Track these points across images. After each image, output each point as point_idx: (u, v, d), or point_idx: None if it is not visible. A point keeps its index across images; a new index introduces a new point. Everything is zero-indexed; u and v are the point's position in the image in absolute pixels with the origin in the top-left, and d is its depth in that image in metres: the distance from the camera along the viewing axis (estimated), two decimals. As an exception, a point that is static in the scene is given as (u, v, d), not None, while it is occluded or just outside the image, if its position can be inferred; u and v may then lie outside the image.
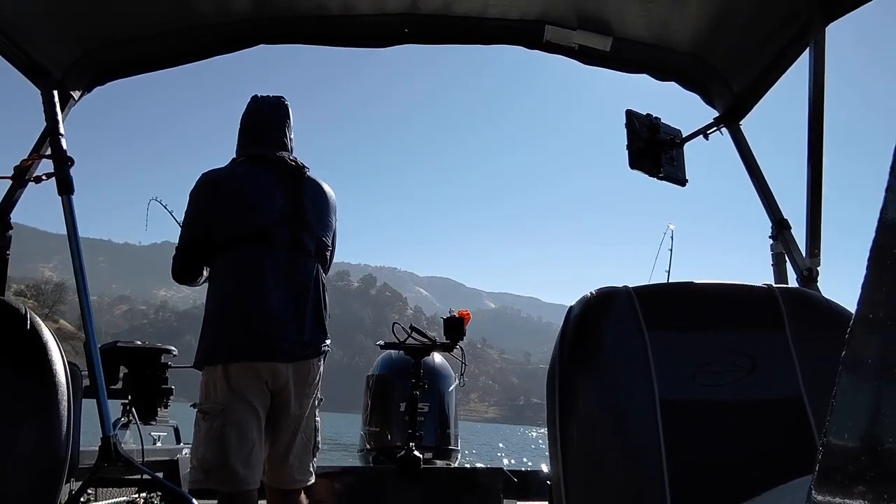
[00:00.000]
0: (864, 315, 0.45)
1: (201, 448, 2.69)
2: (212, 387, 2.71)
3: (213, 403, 2.69)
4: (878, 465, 0.43)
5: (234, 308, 2.75)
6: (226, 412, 2.66)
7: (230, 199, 2.83)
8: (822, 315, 1.68)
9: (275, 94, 3.07)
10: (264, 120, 2.98)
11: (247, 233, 2.78)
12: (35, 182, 2.68)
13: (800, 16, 2.49)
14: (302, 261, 2.85)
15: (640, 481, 1.49)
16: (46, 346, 1.78)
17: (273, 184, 2.85)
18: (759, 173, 2.88)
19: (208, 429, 2.67)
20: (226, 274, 2.81)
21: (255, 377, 2.70)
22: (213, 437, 2.65)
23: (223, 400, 2.67)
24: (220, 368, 2.69)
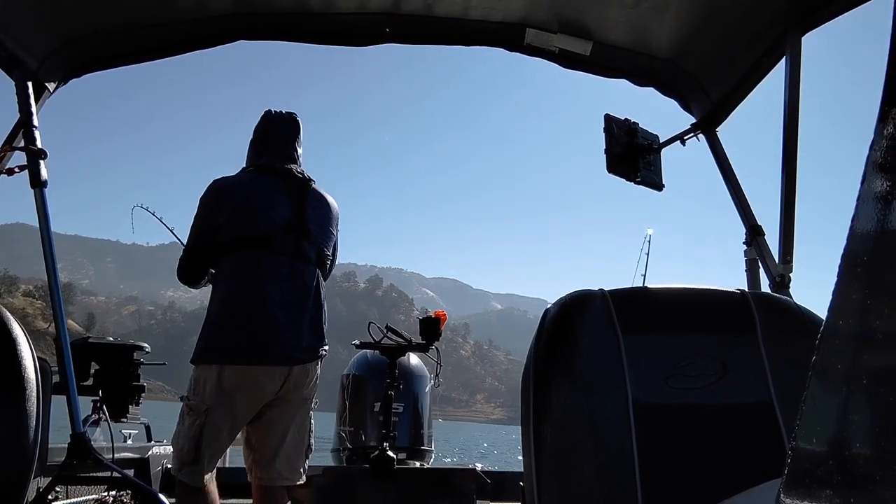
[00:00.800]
0: (835, 322, 0.46)
1: (181, 441, 2.76)
2: (202, 384, 2.77)
3: (199, 401, 2.75)
4: (845, 470, 0.44)
5: (234, 311, 2.82)
6: (209, 412, 2.72)
7: (236, 206, 2.92)
8: (793, 321, 1.70)
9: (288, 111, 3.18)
10: (275, 133, 3.10)
11: (250, 238, 2.88)
12: (7, 174, 2.63)
13: (777, 25, 2.53)
14: (303, 268, 2.93)
15: (613, 483, 1.50)
16: (15, 341, 1.75)
17: (279, 193, 2.96)
18: (735, 180, 2.91)
19: (190, 424, 2.74)
20: (228, 277, 2.88)
21: (248, 380, 2.76)
22: (192, 434, 2.72)
23: (210, 400, 2.73)
24: (215, 368, 2.75)
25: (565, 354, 1.61)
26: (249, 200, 2.92)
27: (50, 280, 2.62)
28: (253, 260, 2.85)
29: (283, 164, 3.02)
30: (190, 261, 3.02)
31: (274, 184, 2.97)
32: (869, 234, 0.43)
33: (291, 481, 2.95)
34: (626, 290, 1.77)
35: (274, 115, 3.14)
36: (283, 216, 2.92)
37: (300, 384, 2.88)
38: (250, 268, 2.84)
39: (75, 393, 2.56)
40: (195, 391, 2.78)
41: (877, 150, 0.43)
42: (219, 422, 2.74)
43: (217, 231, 2.90)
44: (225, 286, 2.88)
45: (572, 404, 1.56)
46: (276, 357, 2.78)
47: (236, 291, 2.84)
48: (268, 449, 2.89)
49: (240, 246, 2.87)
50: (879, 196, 0.43)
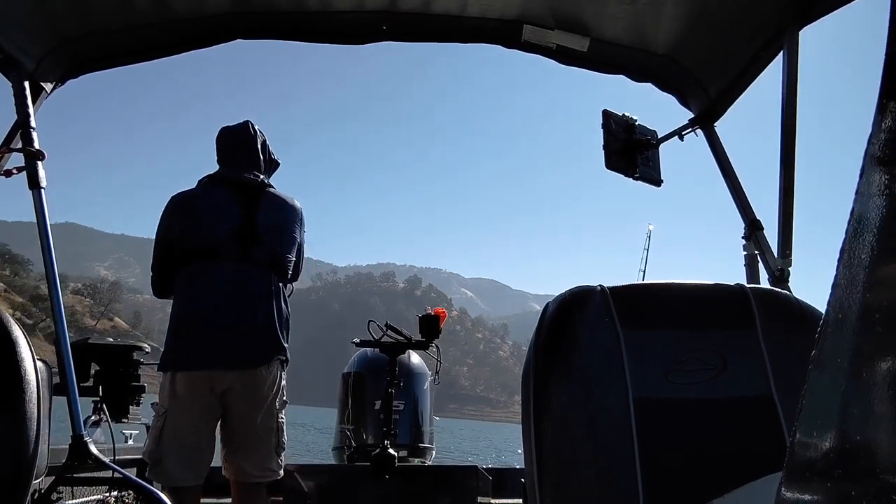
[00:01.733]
0: (834, 316, 0.46)
1: (148, 442, 3.03)
2: (162, 391, 3.00)
3: (160, 406, 3.00)
4: (845, 463, 0.44)
5: (182, 321, 3.01)
6: (167, 415, 2.95)
7: (187, 218, 3.09)
8: (792, 315, 1.70)
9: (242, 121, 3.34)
10: (225, 145, 3.27)
11: (199, 250, 3.03)
12: (6, 176, 2.63)
13: (774, 20, 2.53)
14: (254, 273, 3.05)
15: (613, 479, 1.50)
16: (15, 342, 1.75)
17: (229, 202, 3.09)
18: (733, 174, 2.91)
19: (153, 427, 3.01)
20: (181, 288, 3.06)
21: (196, 385, 2.95)
22: (154, 436, 2.97)
23: (166, 404, 2.96)
24: (169, 375, 2.97)
25: (565, 350, 1.61)
26: (198, 212, 3.09)
27: (49, 280, 2.62)
28: (201, 271, 3.01)
29: (234, 173, 3.17)
30: (156, 274, 3.22)
31: (224, 193, 3.11)
32: (868, 228, 0.44)
33: (262, 478, 3.10)
34: (626, 285, 1.77)
35: (225, 130, 3.31)
36: (231, 224, 3.05)
37: (253, 386, 3.01)
38: (198, 278, 3.01)
39: (76, 394, 2.56)
40: (159, 397, 3.02)
41: (875, 144, 0.43)
42: (177, 424, 2.94)
43: (171, 244, 3.09)
44: (178, 298, 3.06)
45: (572, 400, 1.57)
46: (219, 362, 2.94)
47: (185, 302, 3.03)
48: (233, 447, 3.07)
49: (190, 258, 3.03)
50: (878, 189, 0.43)
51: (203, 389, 2.94)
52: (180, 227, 3.07)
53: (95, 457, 2.52)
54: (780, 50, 2.54)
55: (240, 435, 3.05)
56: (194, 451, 2.96)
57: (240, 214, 3.06)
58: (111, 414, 3.51)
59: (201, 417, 2.97)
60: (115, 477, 2.62)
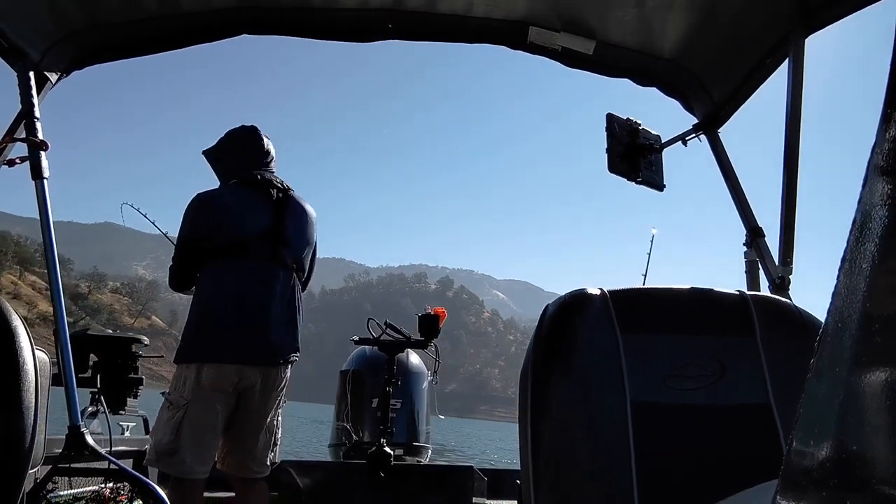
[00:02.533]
0: (834, 324, 0.46)
1: (159, 433, 2.99)
2: (182, 381, 2.98)
3: (179, 396, 2.98)
4: (841, 473, 0.44)
5: (212, 314, 3.04)
6: (188, 407, 2.94)
7: (216, 216, 3.12)
8: (792, 323, 1.70)
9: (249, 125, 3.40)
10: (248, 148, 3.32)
11: (229, 245, 3.08)
12: (8, 165, 2.64)
13: (780, 27, 2.52)
14: (279, 273, 3.13)
15: (609, 482, 1.50)
16: (14, 332, 1.75)
17: (258, 203, 3.16)
18: (736, 181, 2.91)
19: (169, 418, 2.96)
20: (208, 282, 3.10)
21: (223, 378, 2.97)
22: (171, 427, 2.94)
23: (189, 395, 2.95)
24: (195, 367, 2.96)
25: (564, 352, 1.61)
26: (229, 211, 3.13)
27: (49, 271, 2.63)
28: (231, 266, 3.07)
29: (262, 175, 3.24)
30: (178, 268, 3.21)
31: (254, 194, 3.18)
32: (869, 238, 0.43)
33: (262, 473, 3.17)
34: (626, 289, 1.77)
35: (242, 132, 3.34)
36: (261, 224, 3.13)
37: (271, 384, 3.08)
38: (228, 273, 3.07)
39: (74, 385, 2.56)
40: (175, 388, 3.00)
41: (879, 153, 0.43)
42: (198, 415, 2.95)
43: (199, 241, 3.11)
44: (204, 291, 3.10)
45: (570, 403, 1.56)
46: (248, 358, 2.99)
47: (214, 296, 3.06)
48: (241, 446, 3.10)
49: (219, 253, 3.07)
50: (881, 199, 0.43)
51: (227, 383, 2.98)
52: (209, 224, 3.11)
53: (92, 448, 2.52)
54: (785, 57, 2.54)
55: (250, 430, 3.10)
56: (208, 444, 3.00)
57: (269, 216, 3.15)
58: (109, 405, 3.51)
59: (219, 411, 2.99)
60: (111, 468, 2.63)
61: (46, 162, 2.66)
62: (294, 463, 3.85)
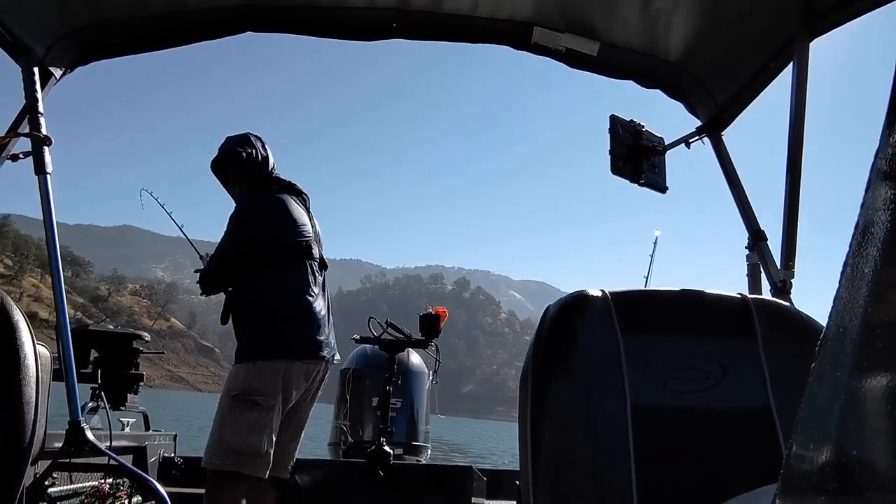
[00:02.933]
0: (835, 329, 0.46)
1: (243, 433, 2.90)
2: (267, 379, 2.96)
3: (265, 396, 2.94)
4: (841, 477, 0.44)
5: (294, 313, 3.09)
6: (275, 406, 2.95)
7: (285, 216, 3.20)
8: (793, 327, 1.70)
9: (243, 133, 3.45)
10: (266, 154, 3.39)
11: (299, 249, 3.18)
12: (12, 160, 2.64)
13: (784, 31, 2.52)
14: (324, 274, 3.32)
15: (608, 484, 1.50)
16: (16, 327, 1.75)
17: (300, 208, 3.31)
18: (739, 184, 2.91)
19: (257, 418, 2.92)
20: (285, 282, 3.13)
21: (302, 376, 3.05)
22: (261, 427, 2.91)
23: (276, 393, 2.96)
24: (283, 364, 2.99)
25: (565, 354, 1.61)
26: (291, 214, 3.21)
27: (51, 267, 2.63)
28: (300, 268, 3.15)
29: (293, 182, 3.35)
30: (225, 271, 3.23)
31: (296, 200, 3.30)
32: (872, 242, 0.43)
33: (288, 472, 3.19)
34: (627, 290, 1.77)
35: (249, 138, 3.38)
36: (309, 229, 3.27)
37: (321, 379, 3.18)
38: (300, 275, 3.14)
39: (74, 380, 2.57)
40: (256, 387, 2.95)
41: (882, 158, 0.43)
42: (277, 415, 2.97)
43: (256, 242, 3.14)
44: (282, 291, 3.12)
45: (570, 404, 1.56)
46: (320, 355, 3.10)
47: (295, 296, 3.10)
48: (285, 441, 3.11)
49: (292, 255, 3.16)
50: (883, 204, 0.43)
51: (306, 380, 3.06)
52: (278, 225, 3.18)
53: (92, 443, 2.53)
54: (789, 61, 2.53)
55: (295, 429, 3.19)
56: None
57: (309, 220, 3.31)
58: (109, 401, 3.51)
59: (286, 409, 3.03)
60: (110, 464, 2.63)
61: (50, 157, 2.67)
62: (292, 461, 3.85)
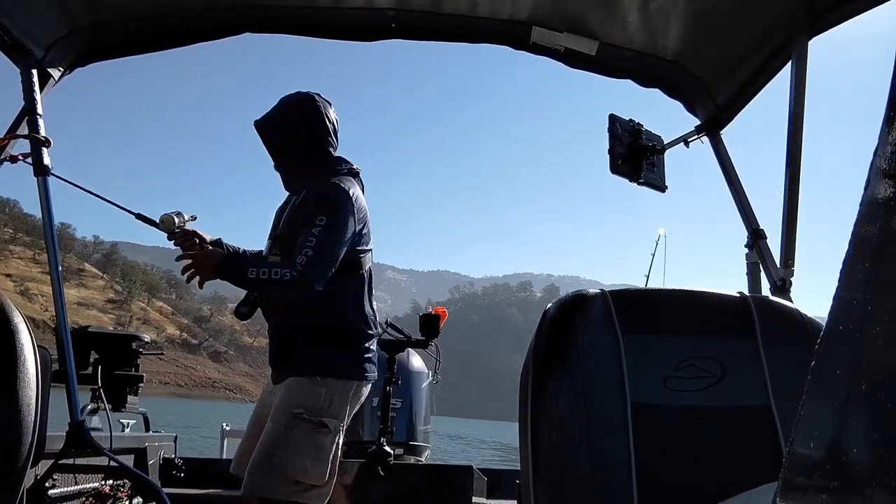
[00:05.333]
0: (835, 327, 0.46)
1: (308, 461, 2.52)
2: (338, 401, 2.60)
3: (333, 419, 2.58)
4: (841, 475, 0.44)
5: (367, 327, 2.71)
6: (341, 430, 2.62)
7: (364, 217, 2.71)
8: (792, 325, 1.70)
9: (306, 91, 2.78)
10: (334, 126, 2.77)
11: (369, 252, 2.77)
12: (11, 162, 2.64)
13: (783, 30, 2.52)
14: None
15: (609, 483, 1.50)
16: (15, 329, 1.75)
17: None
18: (738, 183, 2.91)
19: (327, 444, 2.56)
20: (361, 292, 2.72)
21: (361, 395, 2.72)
22: (330, 453, 2.56)
23: (343, 416, 2.62)
24: (354, 385, 2.64)
25: (564, 353, 1.61)
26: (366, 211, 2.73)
27: (51, 268, 2.63)
28: (369, 276, 2.76)
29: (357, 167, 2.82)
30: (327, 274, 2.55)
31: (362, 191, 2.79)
32: (871, 240, 0.43)
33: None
34: (627, 290, 1.77)
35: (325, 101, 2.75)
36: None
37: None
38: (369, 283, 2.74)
39: (74, 381, 2.57)
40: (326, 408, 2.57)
41: (881, 156, 0.43)
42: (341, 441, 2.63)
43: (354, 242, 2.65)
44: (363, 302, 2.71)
45: (570, 403, 1.56)
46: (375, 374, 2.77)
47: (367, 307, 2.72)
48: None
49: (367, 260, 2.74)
50: (883, 202, 0.43)
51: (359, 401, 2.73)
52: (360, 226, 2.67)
53: (92, 445, 2.53)
54: (788, 60, 2.54)
55: None
56: None
57: None
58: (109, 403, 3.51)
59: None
60: (111, 465, 2.63)
61: (49, 159, 2.67)
62: None
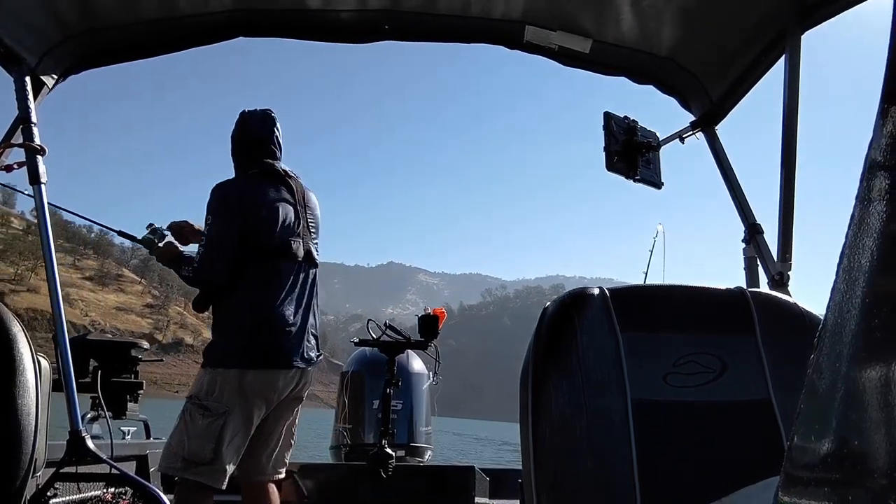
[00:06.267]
0: (833, 320, 0.46)
1: (194, 442, 2.78)
2: (221, 387, 2.82)
3: (217, 403, 2.81)
4: (842, 468, 0.44)
5: (257, 318, 2.87)
6: (228, 414, 2.80)
7: (258, 213, 2.93)
8: (791, 319, 1.70)
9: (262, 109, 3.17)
10: (259, 134, 3.10)
11: (273, 247, 2.94)
12: (6, 171, 2.64)
13: (775, 24, 2.53)
14: (310, 272, 3.07)
15: (610, 481, 1.50)
16: (14, 338, 1.75)
17: (287, 198, 3.03)
18: (734, 178, 2.91)
19: (207, 426, 2.78)
20: (252, 285, 2.91)
21: (268, 385, 2.87)
22: (211, 435, 2.77)
23: (229, 401, 2.81)
24: (235, 372, 2.83)
25: (564, 352, 1.61)
26: (268, 208, 2.94)
27: (49, 278, 2.62)
28: (274, 268, 2.92)
29: (280, 167, 3.08)
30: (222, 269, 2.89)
31: (278, 189, 3.02)
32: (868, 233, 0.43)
33: (280, 475, 3.10)
34: (626, 287, 1.77)
35: (250, 116, 3.13)
36: (292, 222, 3.00)
37: (303, 386, 3.02)
38: (272, 276, 2.92)
39: (74, 390, 2.56)
40: (210, 393, 2.82)
41: (876, 148, 0.43)
42: (237, 424, 2.81)
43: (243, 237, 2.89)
44: (248, 294, 2.90)
45: (571, 402, 1.56)
46: (291, 363, 2.89)
47: (261, 299, 2.88)
48: (263, 448, 3.01)
49: (265, 254, 2.92)
50: (878, 194, 0.43)
51: (270, 390, 2.88)
52: (254, 221, 2.91)
53: (93, 453, 2.52)
54: (781, 54, 2.54)
55: (278, 433, 3.05)
56: (239, 453, 2.87)
57: (297, 213, 3.04)
58: (109, 410, 3.51)
59: (255, 419, 2.89)
60: (112, 473, 2.62)
61: (44, 167, 2.66)
62: (296, 465, 3.84)
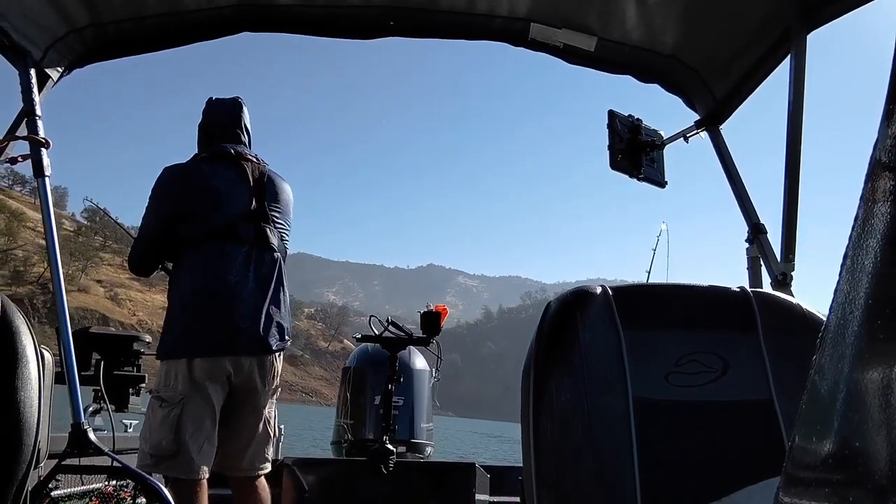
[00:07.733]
0: (836, 321, 0.46)
1: (155, 435, 2.77)
2: (173, 377, 2.81)
3: (172, 393, 2.79)
4: (844, 469, 0.44)
5: (200, 304, 2.84)
6: (184, 402, 2.77)
7: (198, 195, 2.90)
8: (794, 319, 1.70)
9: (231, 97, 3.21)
10: (221, 120, 3.11)
11: (215, 229, 2.88)
12: (11, 164, 2.64)
13: (781, 24, 2.52)
14: (266, 256, 2.97)
15: (612, 480, 1.50)
16: (17, 330, 1.75)
17: (237, 180, 2.97)
18: (738, 177, 2.91)
19: (164, 416, 2.77)
20: (193, 270, 2.88)
21: (217, 371, 2.82)
22: (169, 425, 2.75)
23: (183, 390, 2.78)
24: (184, 361, 2.79)
25: (566, 350, 1.61)
26: (211, 189, 2.91)
27: (52, 270, 2.63)
28: (218, 251, 2.86)
29: (236, 150, 3.03)
30: (149, 249, 3.01)
31: (230, 171, 2.97)
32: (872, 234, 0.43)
33: (264, 470, 3.04)
34: (628, 286, 1.77)
35: (217, 102, 3.16)
36: (244, 204, 2.95)
37: (265, 375, 2.94)
38: (216, 260, 2.86)
39: (76, 383, 2.57)
40: (166, 384, 2.81)
41: (881, 149, 0.43)
42: (198, 410, 2.79)
43: (178, 220, 2.90)
44: (191, 279, 2.87)
45: (572, 400, 1.56)
46: (241, 348, 2.84)
47: (204, 284, 2.85)
48: (240, 441, 2.97)
49: (204, 237, 2.87)
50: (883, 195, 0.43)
51: (221, 375, 2.82)
52: (192, 203, 2.89)
53: (95, 445, 2.53)
54: (787, 54, 2.53)
55: (246, 425, 2.98)
56: (210, 441, 2.82)
57: (250, 195, 2.97)
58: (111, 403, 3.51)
59: (216, 406, 2.83)
60: (114, 466, 2.63)
61: (48, 160, 2.67)
62: (296, 460, 3.85)
